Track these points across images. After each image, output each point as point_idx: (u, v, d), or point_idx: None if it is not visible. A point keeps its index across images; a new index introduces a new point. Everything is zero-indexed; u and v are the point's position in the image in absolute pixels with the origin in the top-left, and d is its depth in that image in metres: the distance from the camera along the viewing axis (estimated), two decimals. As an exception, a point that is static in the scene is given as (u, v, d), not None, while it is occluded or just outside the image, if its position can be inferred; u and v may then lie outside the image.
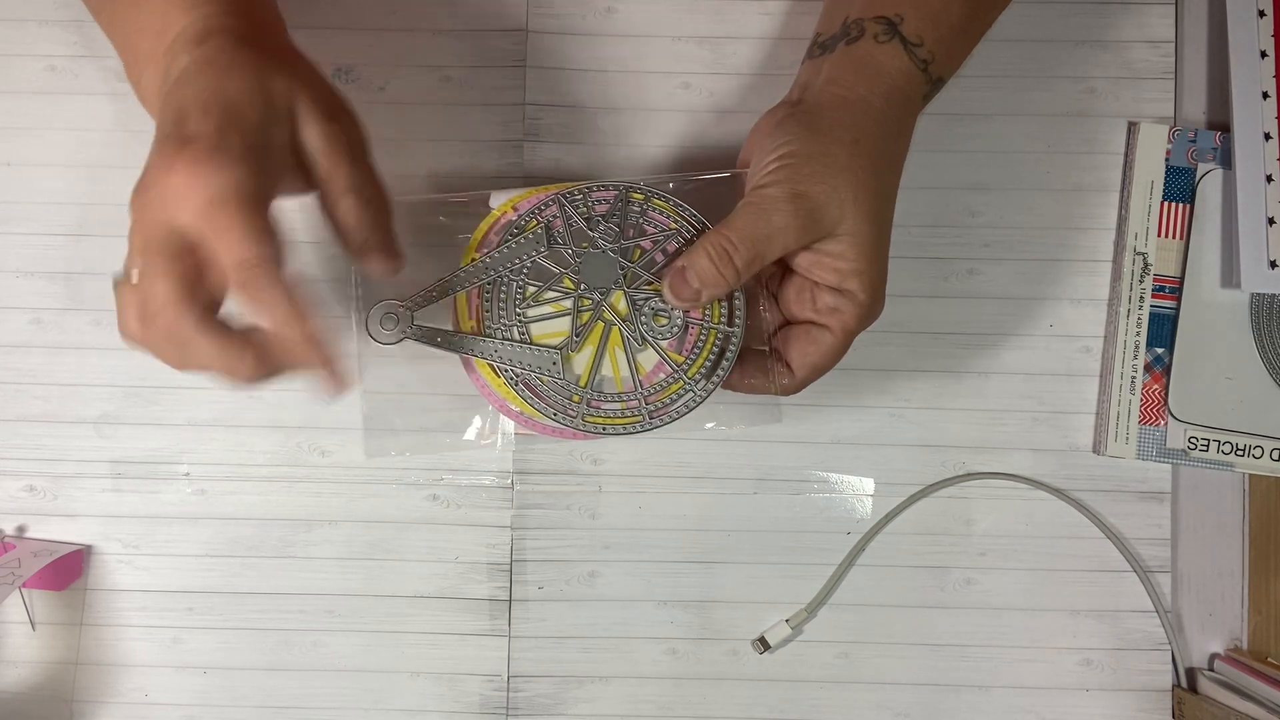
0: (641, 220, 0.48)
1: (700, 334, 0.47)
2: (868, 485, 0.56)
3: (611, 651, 0.55)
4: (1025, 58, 0.58)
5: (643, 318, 0.47)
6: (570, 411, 0.46)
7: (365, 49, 0.57)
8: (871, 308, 0.45)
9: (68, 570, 0.54)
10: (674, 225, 0.48)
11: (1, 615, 0.54)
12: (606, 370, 0.46)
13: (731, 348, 0.47)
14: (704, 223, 0.48)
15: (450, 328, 0.46)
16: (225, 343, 0.38)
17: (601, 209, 0.47)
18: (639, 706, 0.55)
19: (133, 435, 0.55)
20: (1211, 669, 0.55)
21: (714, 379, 0.46)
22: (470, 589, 0.55)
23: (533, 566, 0.55)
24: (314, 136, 0.41)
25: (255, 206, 0.38)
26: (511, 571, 0.55)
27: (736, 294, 0.47)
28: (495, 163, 0.56)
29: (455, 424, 0.52)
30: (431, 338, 0.46)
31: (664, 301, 0.46)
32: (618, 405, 0.46)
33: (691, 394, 0.46)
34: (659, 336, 0.47)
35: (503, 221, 0.47)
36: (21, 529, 0.55)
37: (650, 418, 0.46)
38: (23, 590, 0.54)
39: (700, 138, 0.57)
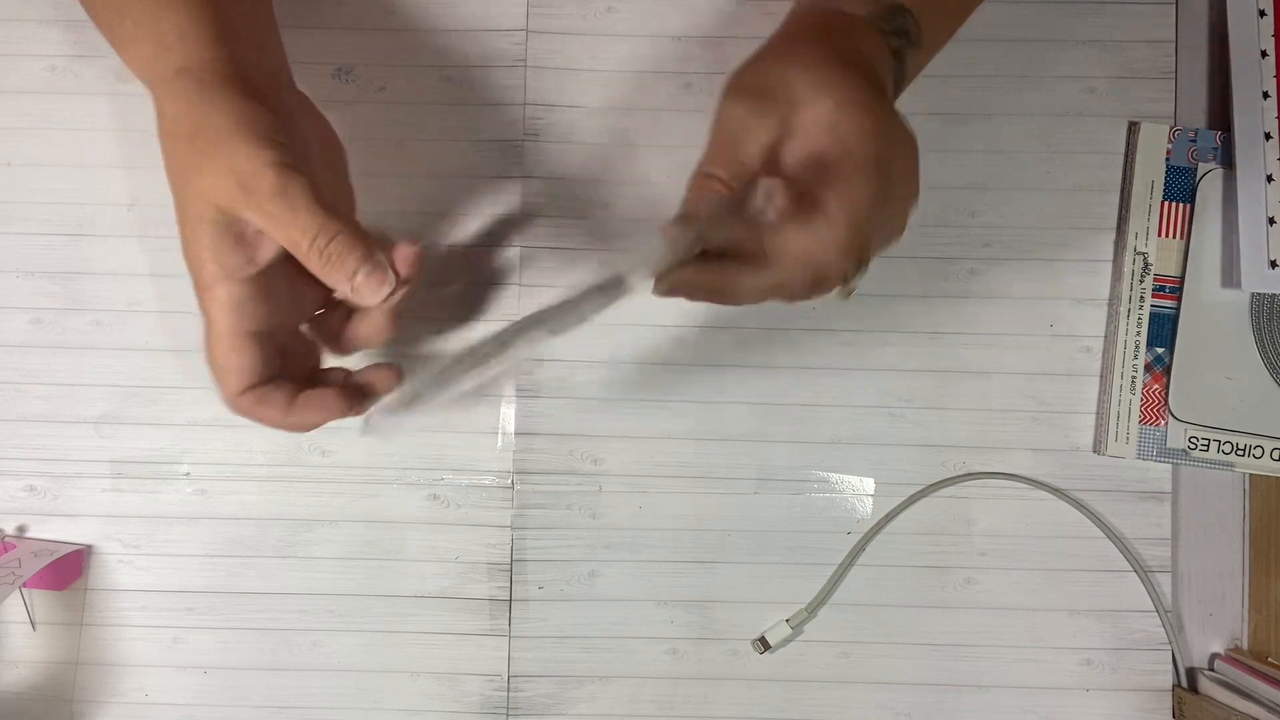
0: None
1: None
2: (868, 485, 0.56)
3: (612, 651, 0.55)
4: (1026, 58, 0.58)
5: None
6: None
7: (365, 49, 0.57)
8: (876, 161, 0.38)
9: (68, 570, 0.54)
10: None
11: (2, 615, 0.54)
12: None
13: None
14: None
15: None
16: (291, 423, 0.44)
17: None
18: (639, 706, 0.55)
19: (133, 435, 0.55)
20: (1212, 669, 0.55)
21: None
22: (470, 589, 0.55)
23: (533, 566, 0.55)
24: (258, 226, 0.41)
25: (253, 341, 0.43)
26: (511, 571, 0.55)
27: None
28: (495, 163, 0.56)
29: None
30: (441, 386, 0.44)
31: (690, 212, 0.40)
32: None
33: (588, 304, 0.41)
34: None
35: None
36: (22, 529, 0.55)
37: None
38: (23, 590, 0.54)
39: (701, 138, 0.57)
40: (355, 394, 0.46)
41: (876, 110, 0.39)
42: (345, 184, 0.48)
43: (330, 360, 0.48)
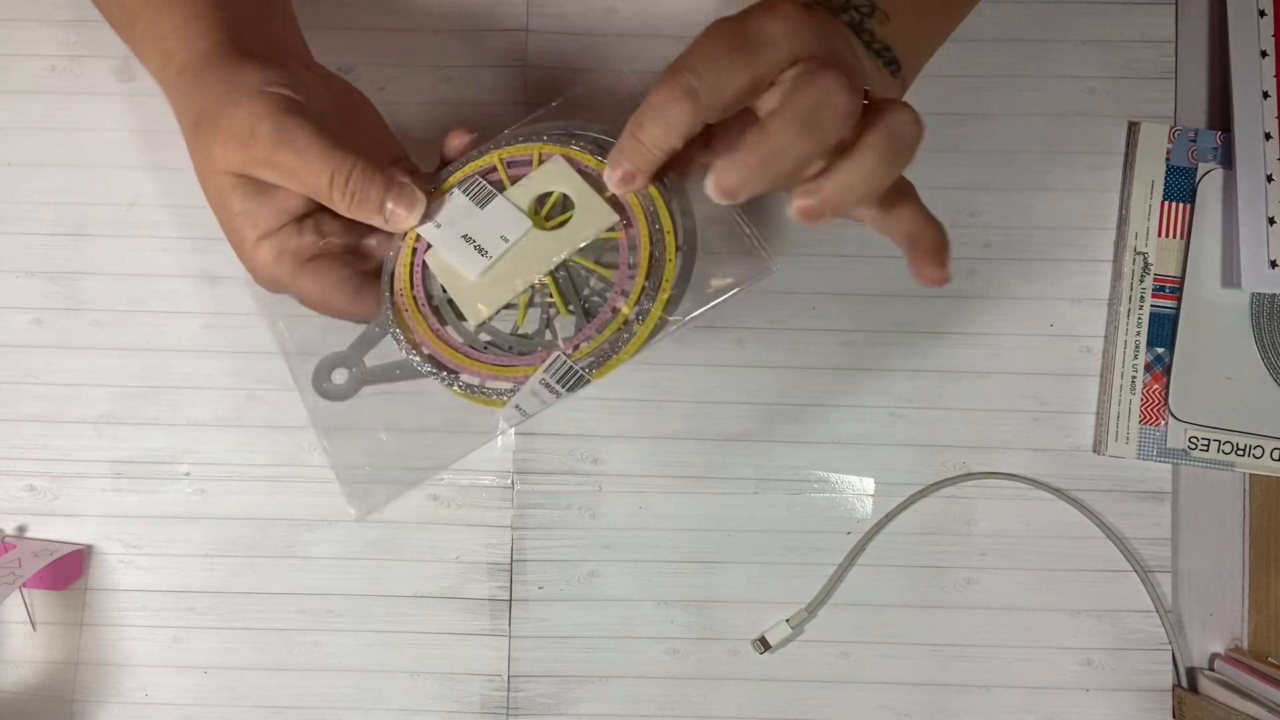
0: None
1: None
2: (868, 485, 0.56)
3: (612, 651, 0.55)
4: (1025, 58, 0.58)
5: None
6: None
7: (365, 49, 0.57)
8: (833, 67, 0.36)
9: (68, 570, 0.54)
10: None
11: (2, 615, 0.54)
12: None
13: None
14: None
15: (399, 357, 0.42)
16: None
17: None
18: (639, 706, 0.55)
19: (133, 435, 0.55)
20: (1212, 669, 0.55)
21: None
22: (470, 589, 0.55)
23: (533, 566, 0.55)
24: (276, 181, 0.41)
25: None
26: (512, 571, 0.55)
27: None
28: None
29: (438, 446, 0.47)
30: (389, 374, 0.42)
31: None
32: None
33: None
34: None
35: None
36: (22, 529, 0.55)
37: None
38: (23, 590, 0.54)
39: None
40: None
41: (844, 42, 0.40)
42: (381, 136, 0.46)
43: None
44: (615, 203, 0.42)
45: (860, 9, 0.43)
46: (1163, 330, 0.56)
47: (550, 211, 0.43)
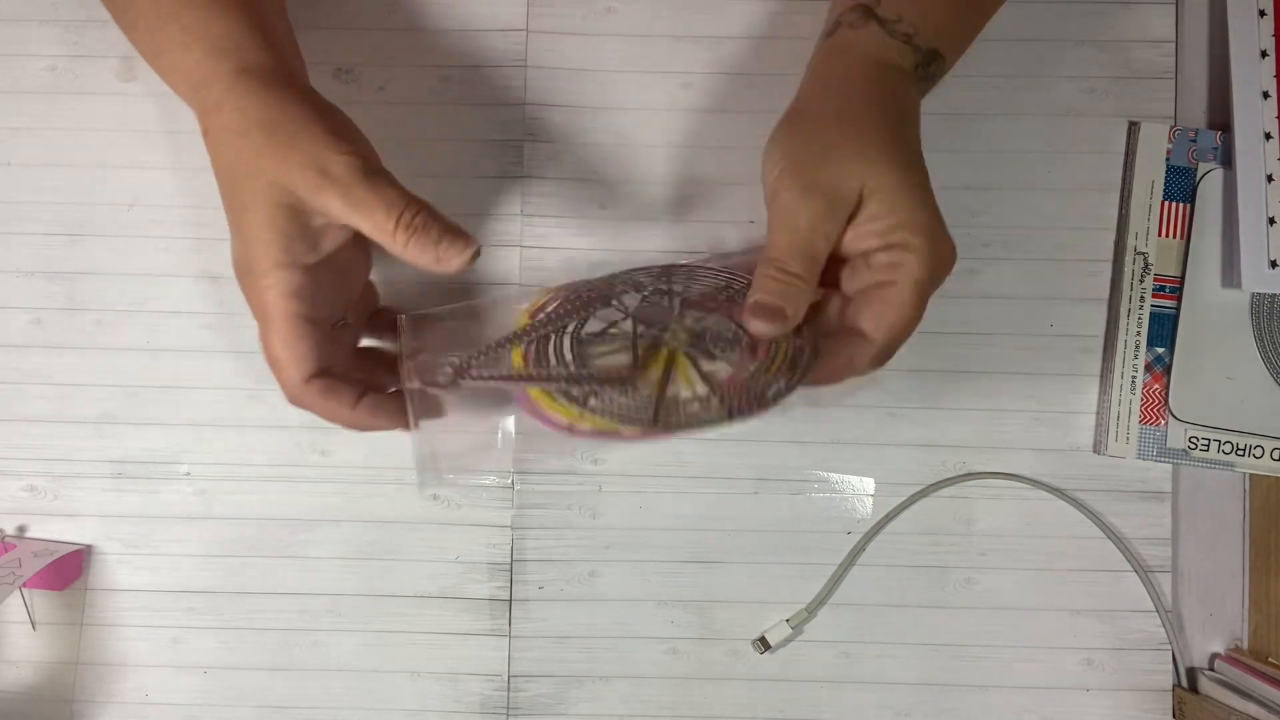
0: (689, 284, 0.47)
1: (770, 350, 0.44)
2: (868, 485, 0.56)
3: (612, 651, 0.55)
4: (1025, 58, 0.58)
5: (705, 343, 0.44)
6: (648, 414, 0.43)
7: (365, 49, 0.57)
8: (933, 251, 0.43)
9: (68, 570, 0.54)
10: (720, 284, 0.46)
11: (2, 615, 0.55)
12: (677, 391, 0.44)
13: (806, 349, 0.44)
14: (746, 278, 0.45)
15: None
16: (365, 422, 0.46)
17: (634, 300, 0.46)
18: (639, 706, 0.55)
19: (133, 435, 0.55)
20: (1212, 669, 0.55)
21: (797, 371, 0.44)
22: (470, 589, 0.55)
23: (533, 566, 0.55)
24: (339, 213, 0.43)
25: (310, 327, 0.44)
26: (512, 571, 0.55)
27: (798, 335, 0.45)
28: (495, 163, 0.56)
29: (491, 441, 0.52)
30: (494, 372, 0.44)
31: (747, 331, 0.44)
32: (697, 406, 0.43)
33: (777, 385, 0.43)
34: (721, 358, 0.44)
35: (540, 318, 0.46)
36: (22, 529, 0.55)
37: (738, 408, 0.43)
38: (23, 590, 0.54)
39: (701, 138, 0.57)
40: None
41: (927, 208, 0.44)
42: None
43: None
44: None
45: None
46: (1163, 330, 0.56)
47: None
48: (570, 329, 0.45)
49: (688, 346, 0.45)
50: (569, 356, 0.44)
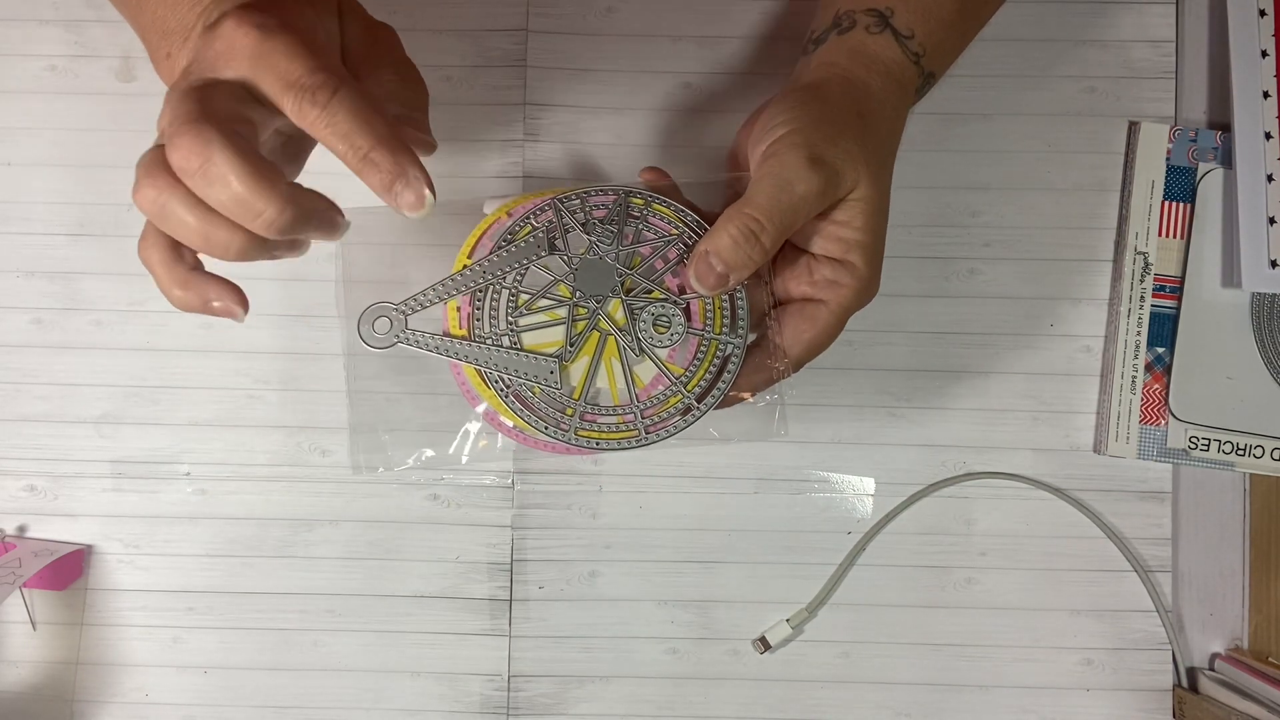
0: (641, 226, 0.46)
1: (701, 344, 0.45)
2: (868, 485, 0.56)
3: (612, 651, 0.55)
4: (1025, 58, 0.58)
5: (641, 326, 0.44)
6: (563, 425, 0.44)
7: (365, 49, 0.57)
8: (870, 283, 0.43)
9: (68, 570, 0.54)
10: (675, 230, 0.46)
11: (2, 615, 0.55)
12: (602, 382, 0.44)
13: (733, 361, 0.44)
14: (705, 226, 0.45)
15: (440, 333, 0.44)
16: (256, 167, 0.35)
17: (599, 214, 0.46)
18: (639, 706, 0.55)
19: (133, 435, 0.55)
20: (1212, 669, 0.55)
21: (713, 394, 0.44)
22: (471, 589, 0.55)
23: (533, 566, 0.55)
24: (357, 28, 0.42)
25: (310, 44, 0.36)
26: (512, 571, 0.55)
27: (739, 292, 0.45)
28: (495, 163, 0.56)
29: (445, 438, 0.48)
30: (425, 342, 0.44)
31: (691, 288, 0.43)
32: (613, 419, 0.44)
33: (693, 410, 0.44)
34: (658, 346, 0.44)
35: (496, 228, 0.45)
36: (22, 529, 0.55)
37: (646, 433, 0.44)
38: (23, 590, 0.54)
39: (700, 138, 0.57)
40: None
41: (882, 242, 0.44)
42: (401, 70, 0.46)
43: None
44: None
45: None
46: (1163, 330, 0.56)
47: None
48: (509, 281, 0.44)
49: (620, 332, 0.44)
50: (503, 325, 0.43)
